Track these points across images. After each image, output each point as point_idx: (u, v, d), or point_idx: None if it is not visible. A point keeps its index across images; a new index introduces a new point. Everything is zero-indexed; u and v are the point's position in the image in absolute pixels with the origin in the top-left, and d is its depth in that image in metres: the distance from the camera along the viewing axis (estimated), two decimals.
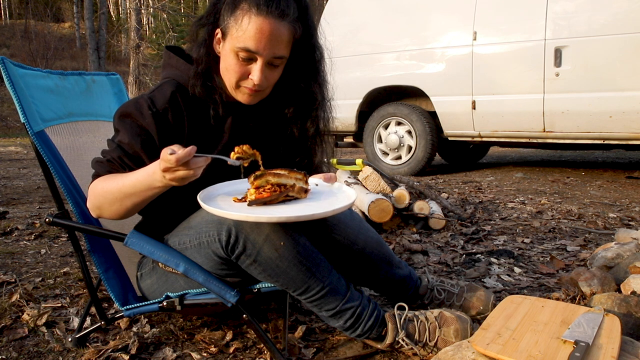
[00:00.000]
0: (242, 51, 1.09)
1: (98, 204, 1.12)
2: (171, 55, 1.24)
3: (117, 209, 1.11)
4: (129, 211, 1.12)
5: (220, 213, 0.98)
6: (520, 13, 4.15)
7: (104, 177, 1.12)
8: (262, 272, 1.09)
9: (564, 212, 2.95)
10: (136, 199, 1.09)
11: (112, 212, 1.12)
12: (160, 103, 1.14)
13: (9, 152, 7.62)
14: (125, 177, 1.09)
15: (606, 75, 3.75)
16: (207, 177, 1.14)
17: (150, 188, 1.06)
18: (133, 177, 1.07)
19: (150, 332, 1.39)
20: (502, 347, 1.00)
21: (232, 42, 1.10)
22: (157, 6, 15.57)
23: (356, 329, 1.18)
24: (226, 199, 1.08)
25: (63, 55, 19.51)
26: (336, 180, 1.20)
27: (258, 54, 1.09)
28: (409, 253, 2.15)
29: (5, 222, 2.71)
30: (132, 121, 1.14)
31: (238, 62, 1.11)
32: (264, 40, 1.07)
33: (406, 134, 4.76)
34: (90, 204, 1.14)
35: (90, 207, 1.14)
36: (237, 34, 1.09)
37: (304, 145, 1.30)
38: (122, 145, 1.14)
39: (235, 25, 1.09)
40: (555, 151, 6.73)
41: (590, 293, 1.47)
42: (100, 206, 1.12)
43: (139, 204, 1.11)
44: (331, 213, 1.01)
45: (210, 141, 1.20)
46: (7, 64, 1.18)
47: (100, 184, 1.11)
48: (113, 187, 1.09)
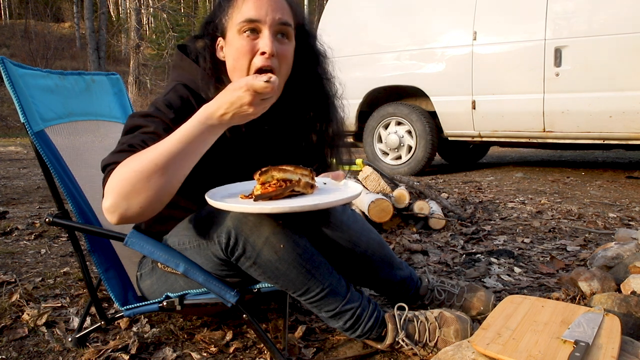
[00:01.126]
0: (244, 24, 1.08)
1: (124, 192, 0.91)
2: (183, 58, 1.21)
3: (150, 192, 0.92)
4: (165, 191, 0.94)
5: (224, 206, 0.98)
6: (520, 13, 4.15)
7: (128, 159, 0.94)
8: (262, 274, 1.09)
9: (564, 212, 2.95)
10: (180, 164, 0.93)
11: (142, 201, 0.92)
12: (176, 104, 1.11)
13: (9, 152, 7.61)
14: (160, 143, 0.94)
15: (606, 75, 3.75)
16: (216, 178, 1.14)
17: (203, 139, 0.94)
18: (174, 137, 0.93)
19: (150, 332, 1.39)
20: (502, 347, 1.00)
21: (233, 26, 1.10)
22: (157, 6, 15.56)
23: (356, 330, 1.18)
24: (233, 197, 1.08)
25: (63, 55, 19.51)
26: (344, 178, 1.20)
27: (261, 22, 1.08)
28: (409, 253, 2.15)
29: (5, 222, 2.71)
30: (154, 118, 1.07)
31: (244, 41, 1.09)
32: (264, 7, 1.08)
33: (406, 133, 4.76)
34: (113, 198, 0.92)
35: (112, 203, 0.92)
36: (236, 14, 1.09)
37: (320, 147, 1.28)
38: (145, 134, 1.02)
39: (232, 11, 1.10)
40: (555, 151, 6.73)
41: (590, 293, 1.47)
42: (128, 195, 0.91)
43: (181, 173, 0.96)
44: (335, 204, 1.00)
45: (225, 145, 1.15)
46: (7, 63, 1.18)
47: (124, 166, 0.93)
48: (145, 160, 0.92)
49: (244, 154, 1.20)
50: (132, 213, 0.93)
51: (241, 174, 1.17)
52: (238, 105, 0.91)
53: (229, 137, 1.13)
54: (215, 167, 1.13)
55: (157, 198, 0.94)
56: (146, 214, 0.95)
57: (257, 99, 0.91)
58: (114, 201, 0.92)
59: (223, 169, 1.17)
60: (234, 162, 1.19)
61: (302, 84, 1.22)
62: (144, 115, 1.07)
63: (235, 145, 1.17)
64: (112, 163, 0.97)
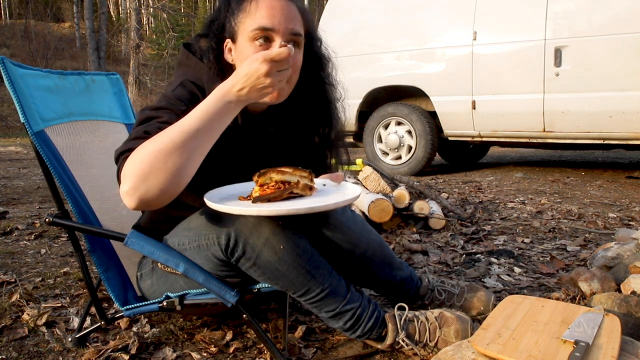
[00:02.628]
0: (258, 32, 1.08)
1: (143, 173, 0.89)
2: (189, 56, 1.21)
3: (169, 172, 0.90)
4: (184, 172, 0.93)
5: (222, 208, 0.98)
6: (520, 13, 4.15)
7: (145, 142, 0.93)
8: (262, 275, 1.09)
9: (564, 212, 2.95)
10: (198, 143, 0.93)
11: (161, 181, 0.90)
12: (186, 98, 1.10)
13: (9, 152, 7.61)
14: (178, 123, 0.94)
15: (606, 75, 3.75)
16: (215, 178, 1.14)
17: (220, 118, 0.94)
18: (192, 115, 0.93)
19: (150, 332, 1.39)
20: (502, 347, 1.00)
21: (245, 32, 1.09)
22: (157, 6, 15.58)
23: (356, 330, 1.18)
24: (232, 199, 1.08)
25: (63, 55, 19.50)
26: (343, 179, 1.20)
27: (274, 31, 1.08)
28: (409, 253, 2.15)
29: (5, 222, 2.71)
30: (166, 109, 1.05)
31: (256, 49, 1.08)
32: (277, 15, 1.08)
33: (406, 133, 4.76)
34: (131, 181, 0.90)
35: (132, 186, 0.90)
36: (249, 20, 1.09)
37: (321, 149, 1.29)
38: (160, 120, 1.00)
39: (244, 16, 1.09)
40: (555, 151, 6.73)
41: (590, 293, 1.47)
42: (147, 176, 0.89)
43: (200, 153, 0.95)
44: (332, 207, 1.00)
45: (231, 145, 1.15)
46: (7, 63, 1.18)
47: (141, 149, 0.92)
48: (164, 140, 0.91)
49: (247, 154, 1.20)
50: (151, 195, 0.91)
51: (243, 174, 1.17)
52: (255, 78, 0.92)
53: (234, 137, 1.13)
54: (218, 167, 1.13)
55: (177, 179, 0.92)
56: (165, 197, 0.94)
57: (274, 69, 0.92)
58: (133, 184, 0.90)
59: (226, 169, 1.17)
60: (237, 162, 1.19)
61: (306, 87, 1.22)
62: (155, 108, 1.07)
63: (239, 145, 1.17)
64: (127, 150, 0.95)
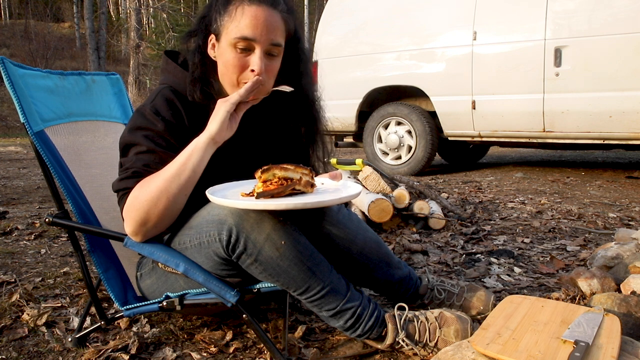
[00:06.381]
0: (240, 41, 1.10)
1: (140, 219, 1.08)
2: (168, 62, 1.25)
3: (162, 213, 1.08)
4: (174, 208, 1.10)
5: (228, 203, 1.00)
6: (520, 13, 4.15)
7: (136, 188, 1.09)
8: (263, 272, 1.09)
9: (564, 212, 2.95)
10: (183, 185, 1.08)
11: (156, 221, 1.09)
12: (164, 110, 1.15)
13: (9, 152, 7.62)
14: (163, 171, 1.09)
15: (606, 75, 3.75)
16: (216, 176, 1.16)
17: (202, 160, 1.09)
18: (176, 163, 1.08)
19: (150, 332, 1.39)
20: (502, 347, 1.00)
21: (228, 37, 1.12)
22: (157, 6, 15.58)
23: (356, 329, 1.18)
24: (234, 194, 1.09)
25: (63, 55, 19.51)
26: (342, 178, 1.21)
27: (255, 42, 1.10)
28: (409, 253, 2.15)
29: (5, 222, 2.71)
30: (145, 131, 1.13)
31: (236, 56, 1.12)
32: (259, 27, 1.10)
33: (406, 133, 4.76)
34: (132, 226, 1.10)
35: (133, 230, 1.10)
36: (232, 26, 1.11)
37: (303, 145, 1.32)
38: (141, 154, 1.12)
39: (229, 20, 1.11)
40: (555, 151, 6.74)
41: (590, 293, 1.47)
42: (143, 221, 1.08)
43: (185, 192, 1.10)
44: (338, 201, 1.04)
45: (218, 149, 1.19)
46: (7, 64, 1.18)
47: (134, 198, 1.08)
48: (152, 189, 1.07)
49: (234, 154, 1.23)
50: (152, 231, 1.12)
51: (232, 173, 1.21)
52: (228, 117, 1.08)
53: None
54: (208, 168, 1.14)
55: (169, 214, 1.10)
56: (165, 226, 1.13)
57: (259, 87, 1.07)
58: (134, 228, 1.10)
59: (215, 170, 1.18)
60: (226, 163, 1.22)
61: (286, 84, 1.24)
62: (133, 128, 1.14)
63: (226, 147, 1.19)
64: (123, 189, 1.11)
